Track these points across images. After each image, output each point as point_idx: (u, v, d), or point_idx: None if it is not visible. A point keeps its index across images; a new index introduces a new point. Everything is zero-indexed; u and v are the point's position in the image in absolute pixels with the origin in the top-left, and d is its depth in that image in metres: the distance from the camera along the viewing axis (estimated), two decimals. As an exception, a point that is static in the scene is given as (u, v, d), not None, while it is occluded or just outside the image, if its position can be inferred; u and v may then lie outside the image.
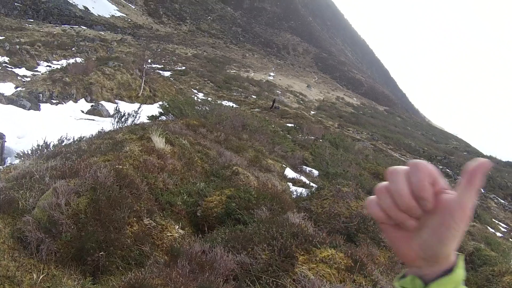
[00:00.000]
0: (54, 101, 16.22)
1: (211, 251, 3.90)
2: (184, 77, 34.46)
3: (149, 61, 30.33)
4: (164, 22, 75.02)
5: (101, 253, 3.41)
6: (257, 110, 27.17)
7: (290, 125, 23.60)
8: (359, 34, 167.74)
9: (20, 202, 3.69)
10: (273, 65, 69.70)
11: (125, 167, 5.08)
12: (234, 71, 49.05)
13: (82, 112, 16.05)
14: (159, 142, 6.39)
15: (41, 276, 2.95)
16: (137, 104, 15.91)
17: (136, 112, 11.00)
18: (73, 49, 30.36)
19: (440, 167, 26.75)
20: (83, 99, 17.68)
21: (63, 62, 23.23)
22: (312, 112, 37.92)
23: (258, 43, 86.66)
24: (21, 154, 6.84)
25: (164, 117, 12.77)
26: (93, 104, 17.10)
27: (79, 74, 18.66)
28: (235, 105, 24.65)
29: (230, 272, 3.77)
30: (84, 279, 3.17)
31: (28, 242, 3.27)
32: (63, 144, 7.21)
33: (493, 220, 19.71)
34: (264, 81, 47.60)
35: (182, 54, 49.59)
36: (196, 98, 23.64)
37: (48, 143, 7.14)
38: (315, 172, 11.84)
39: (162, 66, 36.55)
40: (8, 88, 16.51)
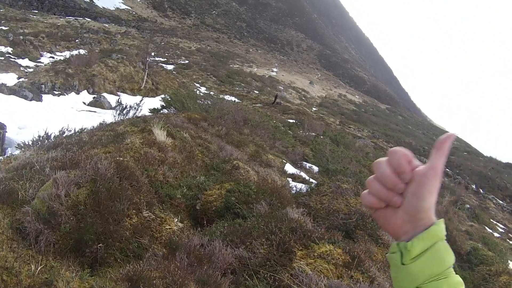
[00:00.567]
0: (56, 92, 16.22)
1: (210, 244, 3.91)
2: (187, 71, 34.39)
3: (153, 54, 30.30)
4: (168, 16, 74.75)
5: (100, 245, 3.42)
6: (259, 105, 27.15)
7: (291, 121, 23.59)
8: (363, 32, 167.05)
9: (19, 193, 3.69)
10: (277, 60, 69.41)
11: (126, 159, 5.09)
12: (237, 66, 48.92)
13: (84, 103, 16.05)
14: (160, 135, 6.39)
15: (39, 267, 2.95)
16: (139, 97, 15.87)
17: (138, 105, 10.98)
18: (77, 40, 30.27)
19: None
20: (85, 90, 17.68)
21: (67, 54, 23.14)
22: (314, 109, 37.83)
23: (262, 38, 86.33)
24: (21, 144, 6.85)
25: (166, 110, 12.77)
26: (95, 96, 17.09)
27: (82, 65, 18.64)
28: (237, 100, 24.63)
29: (228, 265, 3.79)
30: (82, 270, 3.18)
31: (27, 233, 3.26)
32: (64, 135, 7.21)
33: (491, 220, 19.75)
34: (266, 76, 47.47)
35: (185, 48, 49.45)
36: (198, 92, 23.60)
37: (49, 134, 7.14)
38: (315, 168, 11.83)
39: (165, 59, 36.47)
40: (10, 78, 16.49)
